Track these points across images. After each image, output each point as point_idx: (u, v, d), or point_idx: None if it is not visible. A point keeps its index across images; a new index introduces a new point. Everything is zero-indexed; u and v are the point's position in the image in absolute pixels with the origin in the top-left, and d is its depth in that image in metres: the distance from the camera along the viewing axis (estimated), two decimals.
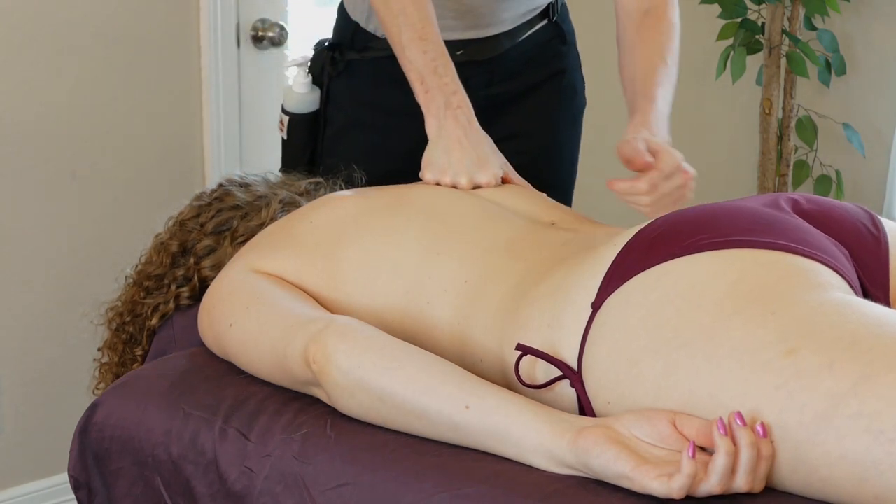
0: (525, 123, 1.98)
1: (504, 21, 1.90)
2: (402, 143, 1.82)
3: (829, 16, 2.93)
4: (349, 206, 1.49)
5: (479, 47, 1.90)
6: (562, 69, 2.00)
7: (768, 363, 1.07)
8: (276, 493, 1.26)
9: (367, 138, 1.95)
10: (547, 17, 1.96)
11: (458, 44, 1.86)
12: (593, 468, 1.10)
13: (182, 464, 1.35)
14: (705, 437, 1.07)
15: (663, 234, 1.22)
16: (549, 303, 1.26)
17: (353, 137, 1.95)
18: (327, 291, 1.42)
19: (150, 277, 1.66)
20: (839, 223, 1.27)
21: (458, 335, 1.34)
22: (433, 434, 1.22)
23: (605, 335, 1.18)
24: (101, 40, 2.49)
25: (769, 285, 1.13)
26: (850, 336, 1.06)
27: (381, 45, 1.87)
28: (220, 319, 1.42)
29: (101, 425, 1.43)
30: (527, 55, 1.95)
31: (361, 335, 1.26)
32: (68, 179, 2.49)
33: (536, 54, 1.96)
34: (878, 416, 1.01)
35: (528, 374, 1.25)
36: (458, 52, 1.83)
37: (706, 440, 1.07)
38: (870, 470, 1.02)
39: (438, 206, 1.47)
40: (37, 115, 2.44)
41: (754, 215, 1.23)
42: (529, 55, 1.95)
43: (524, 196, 1.58)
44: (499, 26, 1.90)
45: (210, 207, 1.67)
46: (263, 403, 1.35)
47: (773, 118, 2.97)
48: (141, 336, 1.66)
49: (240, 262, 1.47)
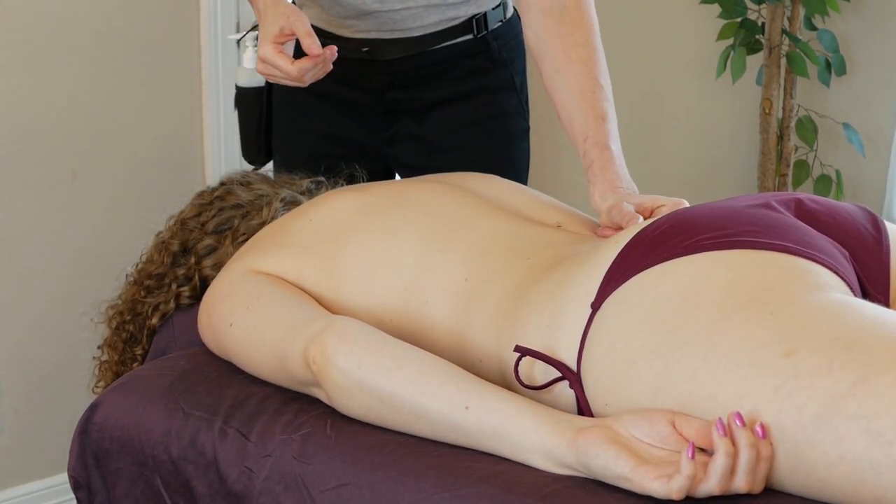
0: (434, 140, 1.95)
1: (412, 28, 1.88)
2: (325, 125, 1.92)
3: (829, 16, 2.93)
4: (349, 203, 1.49)
5: (383, 47, 1.89)
6: (483, 87, 1.95)
7: (767, 363, 1.07)
8: (276, 494, 1.26)
9: (295, 117, 1.98)
10: (471, 32, 1.91)
11: (364, 42, 1.87)
12: (593, 468, 1.10)
13: (182, 464, 1.35)
14: (705, 438, 1.07)
15: (662, 235, 1.22)
16: (549, 303, 1.26)
17: (286, 117, 1.99)
18: (327, 291, 1.42)
19: (151, 276, 1.66)
20: (841, 224, 1.27)
21: (457, 335, 1.34)
22: (433, 434, 1.22)
23: (603, 336, 1.18)
24: (101, 40, 2.49)
25: (768, 286, 1.13)
26: (848, 336, 1.06)
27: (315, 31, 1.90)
28: (221, 319, 1.42)
29: (101, 425, 1.43)
30: (439, 66, 1.92)
31: (361, 336, 1.26)
32: (68, 179, 2.49)
33: (451, 68, 1.93)
34: (877, 417, 1.01)
35: (527, 374, 1.25)
36: (364, 48, 1.85)
37: (705, 441, 1.07)
38: (868, 471, 1.02)
39: (439, 204, 1.46)
40: (37, 115, 2.43)
41: (753, 216, 1.23)
42: (442, 67, 1.92)
43: (525, 195, 1.58)
44: (406, 32, 1.88)
45: (211, 206, 1.67)
46: (263, 403, 1.35)
47: (773, 118, 2.97)
48: (141, 335, 1.66)
49: (240, 262, 1.47)
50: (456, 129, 1.95)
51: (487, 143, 1.96)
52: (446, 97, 1.94)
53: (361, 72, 1.91)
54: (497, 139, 1.97)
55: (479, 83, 1.94)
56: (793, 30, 2.94)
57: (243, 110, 1.96)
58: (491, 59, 1.94)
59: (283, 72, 1.61)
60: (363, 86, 1.92)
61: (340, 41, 1.85)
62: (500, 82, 1.96)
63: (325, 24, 1.90)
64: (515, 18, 1.96)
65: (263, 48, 1.63)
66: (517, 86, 1.99)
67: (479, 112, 1.95)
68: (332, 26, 1.89)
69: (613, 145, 1.56)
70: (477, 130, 1.96)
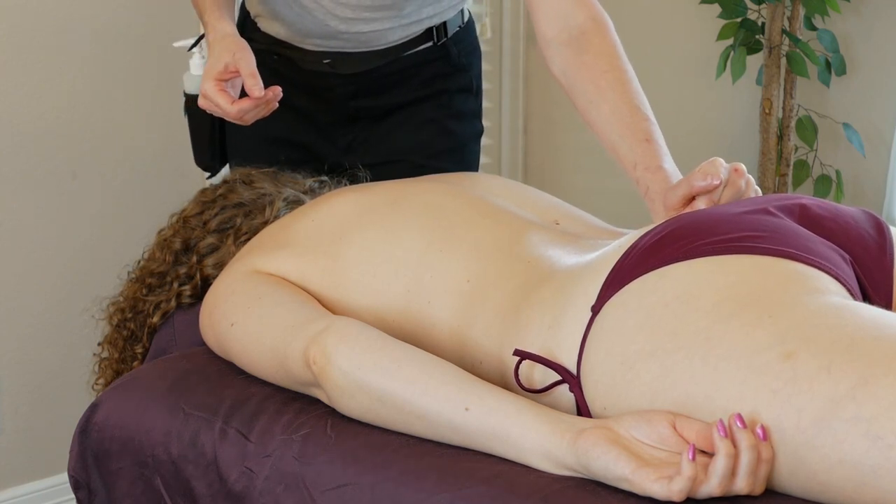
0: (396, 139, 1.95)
1: (376, 44, 1.88)
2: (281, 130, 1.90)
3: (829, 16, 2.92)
4: (351, 203, 1.49)
5: (346, 61, 1.89)
6: (443, 90, 1.96)
7: (766, 366, 1.07)
8: (277, 494, 1.26)
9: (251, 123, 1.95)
10: (432, 39, 1.92)
11: (325, 54, 1.87)
12: (593, 470, 1.10)
13: (182, 464, 1.35)
14: (705, 440, 1.07)
15: (663, 239, 1.22)
16: (551, 305, 1.26)
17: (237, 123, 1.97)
18: (329, 291, 1.42)
19: (153, 274, 1.66)
20: (844, 229, 1.27)
21: (459, 336, 1.34)
22: (433, 435, 1.22)
23: (602, 339, 1.18)
24: (101, 40, 2.49)
25: (767, 289, 1.13)
26: (848, 339, 1.06)
27: (262, 38, 1.90)
28: (222, 319, 1.42)
29: (101, 425, 1.43)
30: (401, 73, 1.92)
31: (362, 336, 1.26)
32: (68, 179, 2.49)
33: (413, 74, 1.93)
34: (877, 419, 1.01)
35: (526, 377, 1.25)
36: (325, 60, 1.85)
37: (706, 442, 1.07)
38: (868, 475, 1.01)
39: (441, 204, 1.46)
40: (37, 115, 2.43)
41: (753, 221, 1.23)
42: (405, 74, 1.93)
43: (526, 194, 1.58)
44: (369, 47, 1.88)
45: (214, 205, 1.66)
46: (263, 404, 1.35)
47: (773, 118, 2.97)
48: (142, 333, 1.66)
49: (242, 262, 1.47)
50: (413, 129, 1.96)
51: (444, 143, 1.98)
52: (408, 101, 1.95)
53: (324, 82, 1.91)
54: (453, 139, 1.99)
55: (439, 87, 1.96)
56: (793, 30, 2.93)
57: (193, 117, 1.91)
58: (451, 64, 1.96)
59: (223, 111, 1.62)
60: (325, 96, 1.92)
61: (302, 52, 1.87)
62: (460, 86, 1.98)
63: (286, 37, 1.89)
64: (472, 22, 1.99)
65: (206, 83, 1.63)
66: (474, 89, 2.00)
67: (437, 112, 1.97)
68: (295, 40, 1.89)
69: (666, 164, 1.46)
70: (434, 129, 1.97)
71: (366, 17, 1.82)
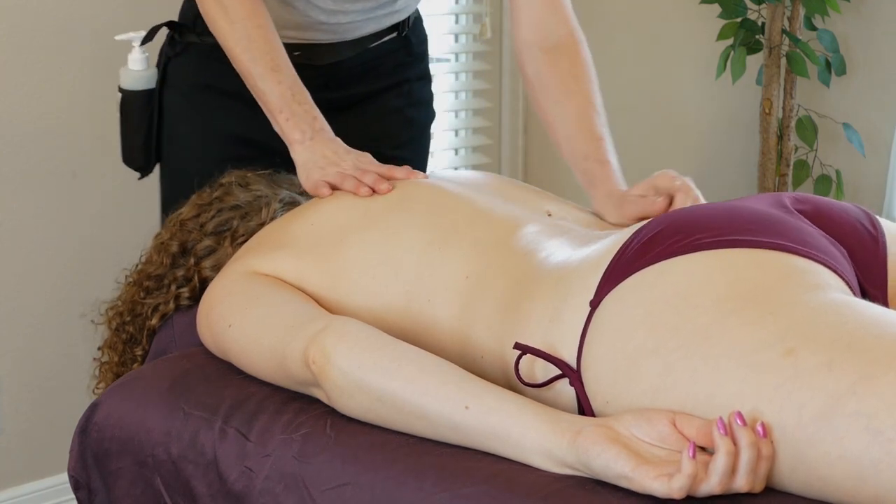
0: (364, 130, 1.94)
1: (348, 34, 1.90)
2: (235, 126, 1.88)
3: (829, 16, 2.93)
4: (348, 204, 1.49)
5: (317, 52, 1.89)
6: (405, 79, 2.00)
7: (767, 363, 1.07)
8: (277, 493, 1.26)
9: (202, 120, 1.93)
10: (397, 30, 1.96)
11: (296, 46, 1.86)
12: (593, 468, 1.10)
13: (182, 464, 1.35)
14: (705, 437, 1.07)
15: (662, 233, 1.22)
16: (551, 298, 1.26)
17: (188, 119, 1.94)
18: (327, 291, 1.42)
19: (151, 277, 1.66)
20: (837, 223, 1.27)
21: (460, 333, 1.34)
22: (433, 434, 1.22)
23: (603, 334, 1.18)
24: (101, 40, 2.49)
25: (767, 285, 1.13)
26: (848, 336, 1.06)
27: None
28: (219, 320, 1.42)
29: (101, 425, 1.43)
30: (368, 64, 1.94)
31: (361, 335, 1.26)
32: (68, 179, 2.49)
33: (378, 64, 1.96)
34: (877, 415, 1.01)
35: (527, 372, 1.25)
36: (296, 52, 1.84)
37: (706, 440, 1.07)
38: (868, 469, 1.02)
39: (438, 203, 1.46)
40: (37, 115, 2.43)
41: (753, 215, 1.23)
42: (371, 64, 1.95)
43: (516, 187, 1.58)
44: (341, 37, 1.89)
45: (210, 207, 1.66)
46: (263, 403, 1.35)
47: (773, 118, 2.97)
48: (141, 336, 1.66)
49: (239, 263, 1.47)
50: (378, 119, 1.98)
51: (407, 132, 2.02)
52: (373, 91, 1.97)
53: None
54: (415, 127, 2.04)
55: (400, 76, 2.00)
56: (793, 30, 2.94)
57: (128, 114, 1.89)
58: (410, 53, 2.01)
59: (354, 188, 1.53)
60: None
61: None
62: (418, 74, 2.04)
63: None
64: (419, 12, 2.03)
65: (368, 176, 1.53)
66: (429, 76, 2.07)
67: (399, 101, 2.00)
68: None
69: (612, 160, 1.62)
70: (398, 118, 2.01)
71: (346, 9, 1.84)
